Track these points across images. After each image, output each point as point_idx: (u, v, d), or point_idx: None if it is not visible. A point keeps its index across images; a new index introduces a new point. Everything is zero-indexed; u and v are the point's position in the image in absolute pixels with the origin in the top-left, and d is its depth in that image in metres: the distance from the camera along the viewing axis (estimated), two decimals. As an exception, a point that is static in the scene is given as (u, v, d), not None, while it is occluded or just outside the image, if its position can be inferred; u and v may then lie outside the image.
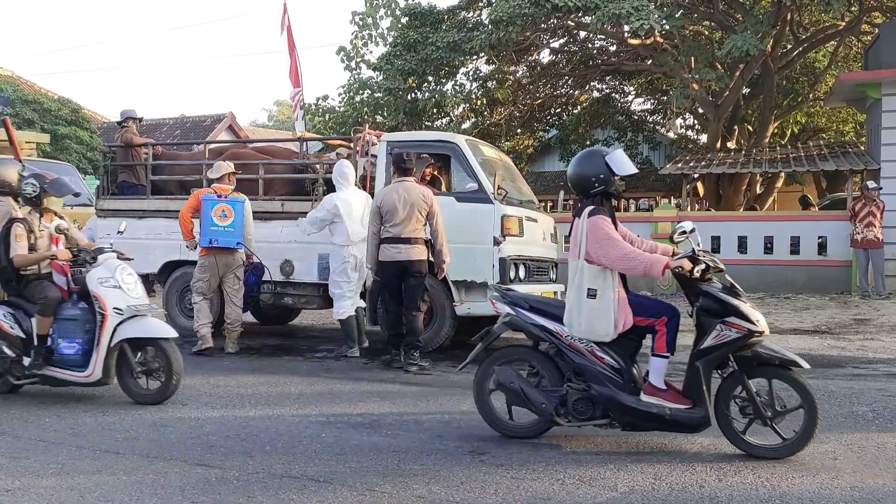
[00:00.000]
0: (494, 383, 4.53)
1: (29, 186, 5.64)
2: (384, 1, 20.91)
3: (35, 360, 5.48)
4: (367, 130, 8.28)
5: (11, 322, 5.57)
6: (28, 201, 5.71)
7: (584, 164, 4.48)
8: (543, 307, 4.60)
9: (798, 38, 16.93)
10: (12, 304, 5.66)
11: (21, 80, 21.43)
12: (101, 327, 5.36)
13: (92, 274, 5.46)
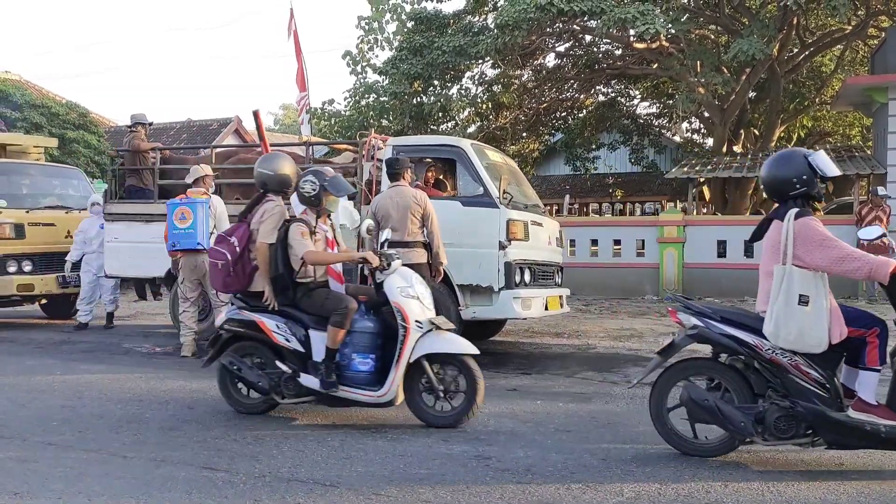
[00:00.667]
0: (682, 399, 4.19)
1: (308, 184, 5.15)
2: (390, 5, 20.97)
3: (328, 378, 4.88)
4: (373, 135, 8.30)
5: (287, 334, 5.04)
6: (306, 201, 5.21)
7: (783, 166, 4.19)
8: (735, 318, 4.23)
9: (804, 42, 16.92)
10: (285, 314, 5.12)
11: (29, 83, 21.55)
12: (404, 342, 4.81)
13: (391, 283, 4.95)
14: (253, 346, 5.20)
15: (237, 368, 5.10)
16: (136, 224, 8.96)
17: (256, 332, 5.09)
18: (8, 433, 4.78)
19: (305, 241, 5.05)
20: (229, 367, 5.14)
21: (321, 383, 4.90)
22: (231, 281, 5.24)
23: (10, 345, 8.72)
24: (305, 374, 4.98)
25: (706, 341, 4.25)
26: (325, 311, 4.98)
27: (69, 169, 11.97)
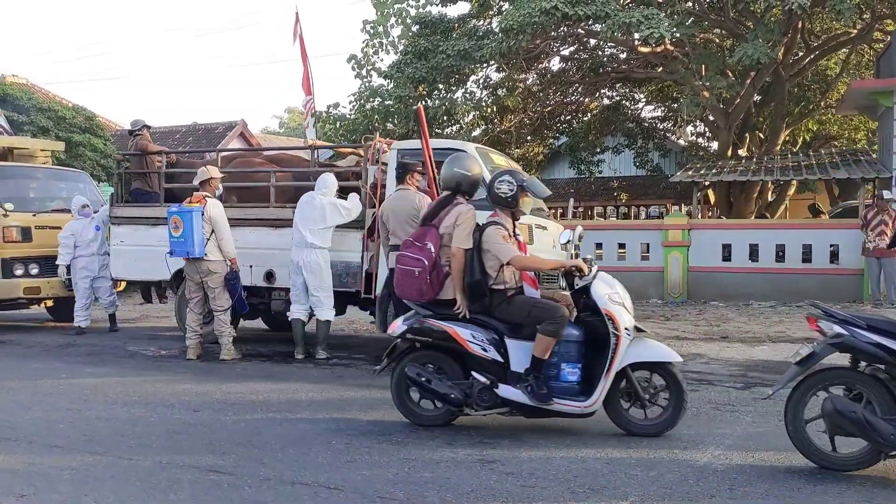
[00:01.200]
0: (824, 411, 4.04)
1: (505, 185, 4.93)
2: (395, 10, 21.01)
3: (540, 390, 4.66)
4: (378, 138, 8.32)
5: (483, 344, 4.82)
6: (501, 202, 4.98)
7: None
8: (882, 325, 4.03)
9: (809, 45, 16.89)
10: (475, 322, 4.90)
11: (36, 87, 21.63)
12: (615, 350, 4.64)
13: (598, 289, 4.77)
14: (431, 355, 5.00)
15: (426, 380, 4.85)
16: (141, 227, 9.00)
17: (447, 342, 4.87)
18: (14, 436, 4.81)
19: (509, 246, 4.85)
20: (416, 378, 4.87)
21: (533, 396, 4.67)
22: (427, 289, 4.95)
23: (17, 347, 8.76)
24: (504, 384, 4.76)
25: (851, 350, 4.09)
26: (531, 320, 4.77)
27: (75, 172, 12.02)
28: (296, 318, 7.84)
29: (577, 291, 4.89)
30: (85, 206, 9.57)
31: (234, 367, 7.46)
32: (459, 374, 4.90)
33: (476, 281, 4.85)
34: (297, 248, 7.70)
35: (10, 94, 17.00)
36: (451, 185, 5.26)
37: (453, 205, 5.13)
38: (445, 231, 5.04)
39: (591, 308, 4.79)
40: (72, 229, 9.46)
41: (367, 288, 7.91)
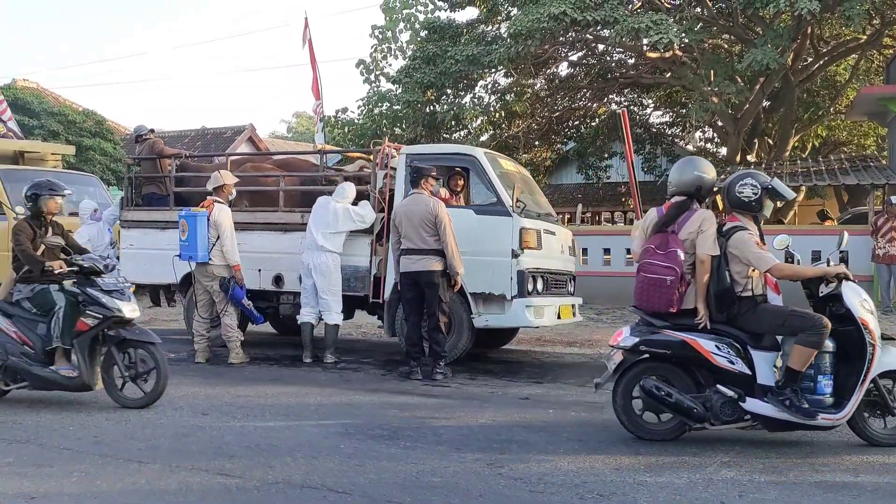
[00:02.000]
0: None
1: (748, 188, 4.74)
2: (404, 15, 21.09)
3: (800, 405, 4.46)
4: (387, 143, 8.34)
5: (730, 356, 4.62)
6: (744, 206, 4.80)
7: None
8: None
9: (819, 51, 16.83)
10: (717, 332, 4.70)
11: (46, 91, 21.79)
12: (871, 360, 4.47)
13: (851, 297, 4.59)
14: (660, 367, 4.82)
15: (665, 394, 4.65)
16: (151, 231, 9.04)
17: (684, 354, 4.71)
18: (24, 437, 4.83)
19: (767, 253, 4.65)
20: (654, 391, 4.67)
21: (795, 410, 4.45)
22: (677, 299, 4.71)
23: (26, 350, 8.79)
24: (752, 398, 4.58)
25: None
26: (785, 330, 4.58)
27: (85, 176, 12.11)
28: (305, 322, 7.86)
29: (821, 299, 4.71)
30: (95, 210, 9.58)
31: (242, 370, 7.48)
32: (691, 386, 4.73)
33: (725, 289, 4.67)
34: (309, 250, 7.74)
35: (22, 98, 17.14)
36: (689, 190, 4.95)
37: (692, 210, 4.89)
38: (688, 237, 4.79)
39: (838, 317, 4.60)
40: (88, 234, 9.39)
41: (376, 292, 7.92)
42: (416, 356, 7.09)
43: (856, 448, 4.69)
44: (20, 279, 5.84)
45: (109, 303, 5.56)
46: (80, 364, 5.58)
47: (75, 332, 5.56)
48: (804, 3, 11.41)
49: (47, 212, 5.89)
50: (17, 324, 5.72)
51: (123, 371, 5.60)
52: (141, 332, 5.69)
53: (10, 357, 5.65)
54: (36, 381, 5.67)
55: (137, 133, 9.77)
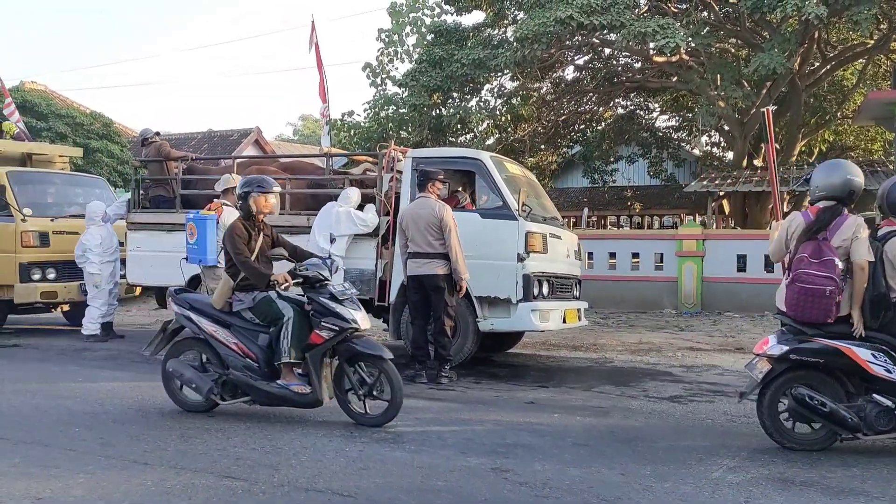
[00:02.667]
0: None
1: None
2: (410, 18, 21.12)
3: None
4: (393, 146, 8.35)
5: (886, 364, 4.51)
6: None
7: None
8: None
9: (826, 56, 16.81)
10: (879, 341, 4.60)
11: (54, 94, 21.90)
12: None
13: None
14: (809, 376, 4.68)
15: (819, 403, 4.56)
16: (158, 233, 9.07)
17: (841, 362, 4.58)
18: (31, 438, 4.84)
19: None
20: (807, 401, 4.58)
21: None
22: (835, 309, 4.56)
23: (34, 351, 8.83)
24: None
25: None
26: None
27: (93, 178, 12.15)
28: None
29: None
30: (105, 213, 9.59)
31: (247, 373, 7.48)
32: (840, 395, 4.62)
33: (880, 294, 4.56)
34: None
35: (30, 100, 17.23)
36: (839, 194, 4.76)
37: (844, 215, 4.71)
38: (842, 244, 4.62)
39: None
40: (100, 237, 9.40)
41: (381, 295, 7.93)
42: (422, 359, 7.08)
43: (863, 454, 4.67)
44: (239, 287, 5.37)
45: (345, 313, 5.10)
46: (312, 379, 5.14)
47: (307, 345, 5.14)
48: (812, 7, 11.40)
49: (258, 211, 5.45)
50: (236, 335, 5.34)
51: (357, 388, 5.17)
52: (371, 345, 5.19)
53: (231, 371, 5.29)
54: (261, 397, 5.28)
55: (143, 136, 9.80)
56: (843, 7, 12.37)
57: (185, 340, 5.67)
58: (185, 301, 5.57)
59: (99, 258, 9.33)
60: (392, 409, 5.12)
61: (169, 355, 5.59)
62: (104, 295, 9.48)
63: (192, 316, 5.48)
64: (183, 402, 5.58)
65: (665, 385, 7.07)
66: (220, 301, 5.43)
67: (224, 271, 5.51)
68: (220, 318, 5.42)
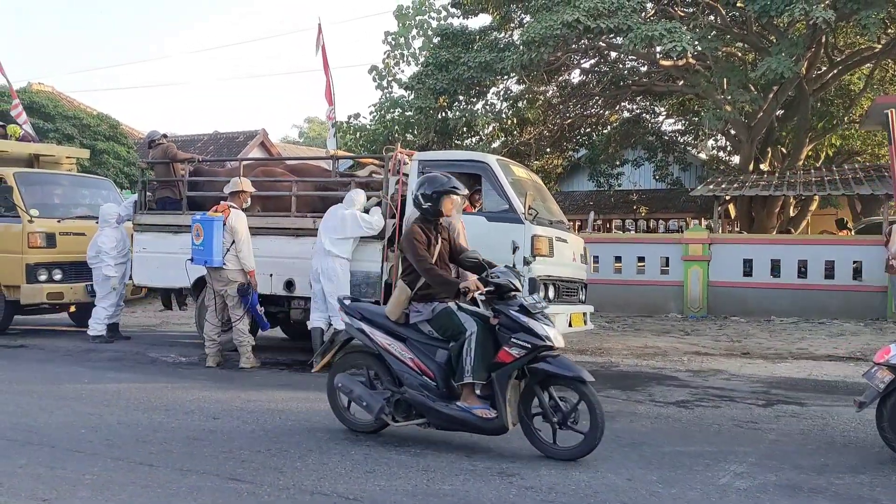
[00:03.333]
0: None
1: None
2: (417, 21, 21.15)
3: None
4: (399, 149, 8.35)
5: None
6: None
7: None
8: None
9: (833, 60, 16.76)
10: None
11: (61, 95, 21.97)
12: None
13: None
14: None
15: None
16: (164, 235, 9.08)
17: None
18: (37, 440, 4.85)
19: None
20: None
21: None
22: None
23: (39, 352, 8.86)
24: None
25: None
26: None
27: (99, 179, 12.18)
28: (315, 327, 7.87)
29: None
30: (118, 215, 9.60)
31: (252, 375, 7.50)
32: None
33: None
34: (318, 255, 7.79)
35: (37, 101, 17.29)
36: None
37: None
38: None
39: None
40: (115, 239, 9.41)
41: (387, 298, 7.91)
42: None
43: (873, 461, 4.64)
44: (417, 297, 4.87)
45: (538, 329, 4.52)
46: (497, 402, 4.54)
47: (494, 363, 4.56)
48: (819, 11, 11.37)
49: (445, 213, 4.97)
50: (412, 349, 4.83)
51: (551, 415, 4.55)
52: (567, 366, 4.53)
53: (406, 390, 4.79)
54: (438, 419, 4.71)
55: (150, 138, 9.83)
56: (851, 11, 12.33)
57: (353, 354, 5.20)
58: (356, 311, 5.11)
59: (114, 260, 9.36)
60: (588, 442, 4.44)
61: (336, 369, 5.15)
62: (114, 296, 9.51)
63: (365, 327, 4.98)
64: (349, 421, 5.14)
65: (671, 390, 7.05)
66: (396, 312, 4.93)
67: (400, 279, 4.99)
68: (395, 330, 4.91)
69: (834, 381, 7.54)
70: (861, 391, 6.86)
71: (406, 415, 4.82)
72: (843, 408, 6.19)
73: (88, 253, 9.48)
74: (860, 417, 5.75)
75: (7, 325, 10.21)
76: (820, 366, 8.37)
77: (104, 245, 9.31)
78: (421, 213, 5.01)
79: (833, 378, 7.68)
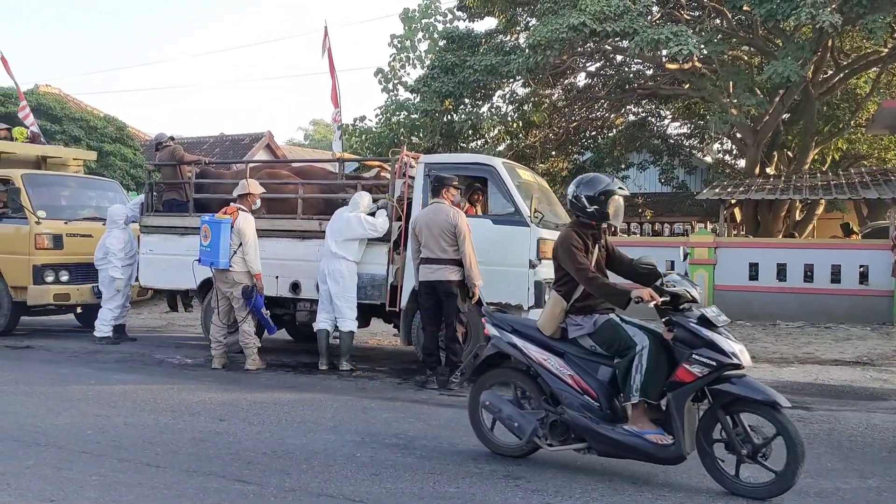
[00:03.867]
0: None
1: None
2: (423, 24, 21.17)
3: None
4: (405, 152, 8.37)
5: None
6: None
7: None
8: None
9: (839, 64, 16.73)
10: None
11: (68, 97, 22.04)
12: None
13: None
14: None
15: None
16: (171, 237, 9.11)
17: None
18: (44, 441, 4.87)
19: None
20: None
21: None
22: None
23: (46, 353, 8.88)
24: None
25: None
26: None
27: (106, 181, 12.21)
28: (321, 329, 7.89)
29: None
30: (127, 216, 9.62)
31: (258, 376, 7.51)
32: None
33: None
34: (325, 258, 7.80)
35: (44, 103, 17.33)
36: None
37: None
38: None
39: None
40: (122, 240, 9.42)
41: (392, 300, 7.93)
42: (433, 365, 7.08)
43: (879, 466, 4.62)
44: (574, 309, 4.45)
45: (723, 344, 4.00)
46: (674, 427, 4.05)
47: (670, 382, 4.09)
48: (826, 15, 11.35)
49: (613, 215, 4.47)
50: (571, 365, 4.40)
51: (738, 446, 3.98)
52: (757, 388, 3.97)
53: (565, 410, 4.33)
54: (602, 444, 4.25)
55: (158, 141, 9.86)
56: (857, 15, 12.32)
57: (497, 370, 4.79)
58: (506, 323, 4.74)
59: (121, 262, 9.38)
60: (782, 482, 3.89)
61: (479, 386, 4.77)
62: (120, 298, 9.53)
63: (517, 341, 4.58)
64: (493, 443, 4.72)
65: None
66: (552, 325, 4.51)
67: (553, 290, 4.59)
68: (551, 344, 4.49)
69: (840, 385, 7.52)
70: (867, 396, 6.86)
71: (563, 438, 4.40)
72: (850, 412, 6.17)
73: (96, 254, 9.50)
74: (867, 422, 5.74)
75: (14, 325, 10.24)
76: (826, 370, 8.35)
77: (112, 246, 9.33)
78: (584, 216, 4.48)
79: (839, 382, 7.66)
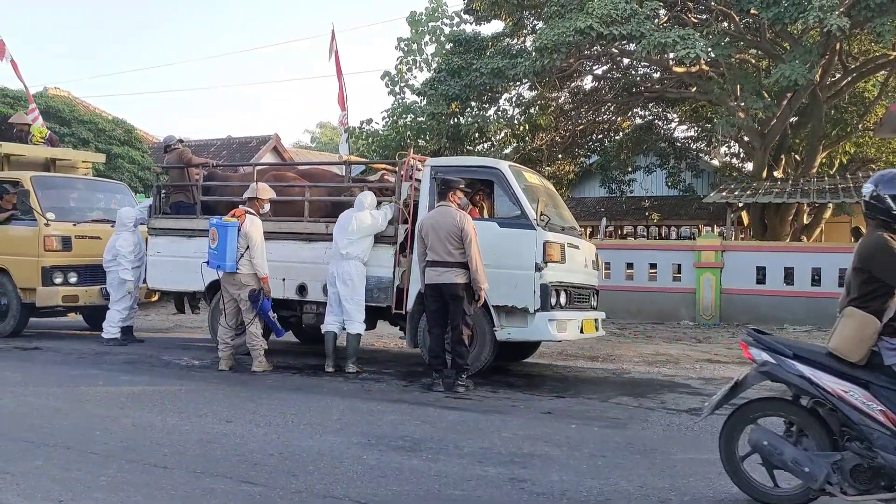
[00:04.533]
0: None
1: None
2: (429, 27, 21.23)
3: None
4: (412, 155, 8.39)
5: None
6: None
7: None
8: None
9: (847, 67, 16.69)
10: None
11: (77, 100, 22.15)
12: None
13: None
14: None
15: None
16: (178, 239, 9.16)
17: None
18: (52, 441, 4.90)
19: None
20: None
21: None
22: None
23: (54, 354, 8.93)
24: None
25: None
26: None
27: (114, 184, 12.28)
28: (328, 331, 7.90)
29: None
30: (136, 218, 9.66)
31: (265, 378, 7.53)
32: None
33: None
34: (334, 260, 7.82)
35: (53, 106, 17.44)
36: None
37: None
38: None
39: None
40: (132, 242, 9.45)
41: (398, 303, 7.95)
42: (439, 368, 7.09)
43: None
44: (892, 330, 3.64)
45: None
46: None
47: None
48: (834, 19, 11.33)
49: None
50: (881, 399, 3.62)
51: None
52: None
53: (878, 453, 3.57)
54: None
55: (166, 143, 9.92)
56: (865, 19, 12.29)
57: (759, 402, 4.15)
58: (782, 347, 3.94)
59: (131, 264, 9.41)
60: None
61: (739, 422, 4.04)
62: (128, 299, 9.57)
63: (804, 370, 3.82)
64: (759, 491, 3.92)
65: (683, 397, 7.03)
66: (860, 350, 3.68)
67: (853, 307, 3.74)
68: (848, 373, 3.72)
69: (847, 389, 7.48)
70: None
71: (867, 484, 3.65)
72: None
73: (105, 256, 9.55)
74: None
75: (23, 327, 10.30)
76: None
77: (122, 248, 9.37)
78: (889, 219, 3.70)
79: (846, 387, 7.62)
